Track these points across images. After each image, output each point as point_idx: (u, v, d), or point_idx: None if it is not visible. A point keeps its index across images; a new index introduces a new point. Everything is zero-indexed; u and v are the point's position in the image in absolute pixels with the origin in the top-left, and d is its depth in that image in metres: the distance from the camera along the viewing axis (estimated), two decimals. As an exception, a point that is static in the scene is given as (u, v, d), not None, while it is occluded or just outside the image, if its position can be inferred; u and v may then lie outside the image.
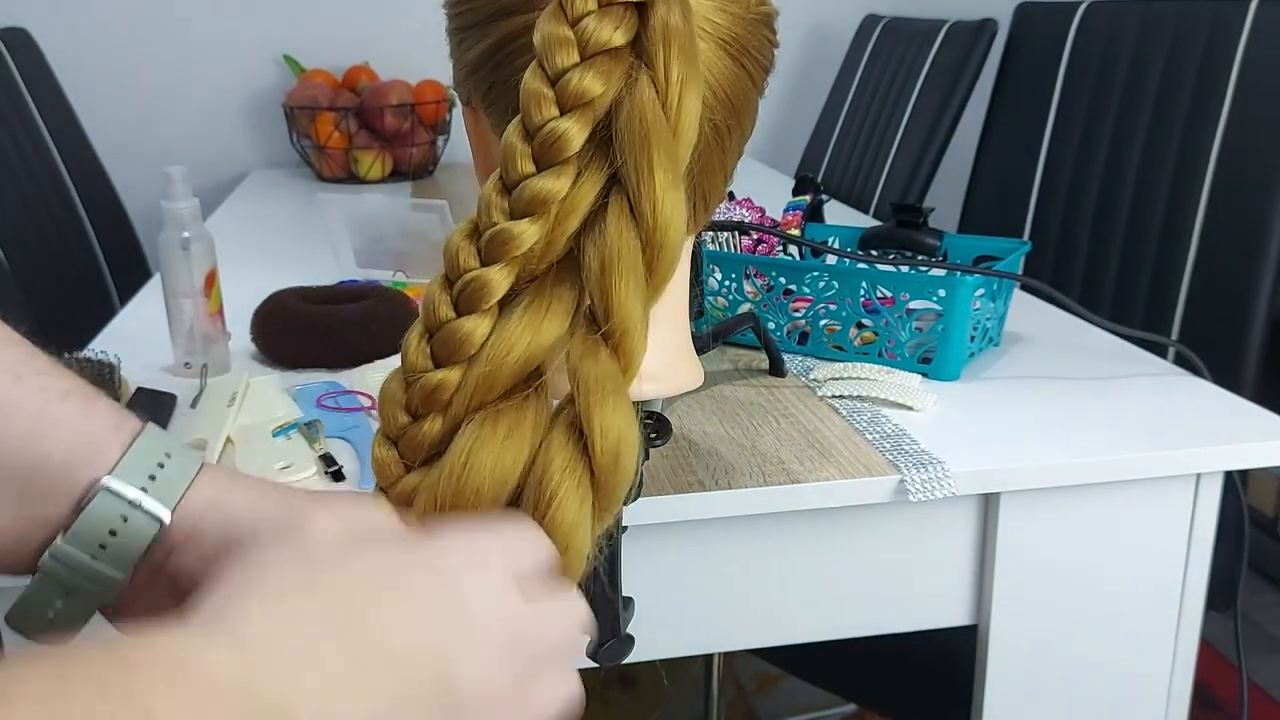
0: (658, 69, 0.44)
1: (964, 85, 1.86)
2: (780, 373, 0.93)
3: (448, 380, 0.43)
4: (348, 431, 0.82)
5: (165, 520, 0.41)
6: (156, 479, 0.41)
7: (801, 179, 1.16)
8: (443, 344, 0.43)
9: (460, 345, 0.43)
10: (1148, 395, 0.88)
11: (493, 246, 0.43)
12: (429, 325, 0.43)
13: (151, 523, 0.41)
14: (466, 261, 0.43)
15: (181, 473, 0.42)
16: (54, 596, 0.41)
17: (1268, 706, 1.78)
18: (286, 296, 1.00)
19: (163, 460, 0.42)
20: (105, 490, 0.40)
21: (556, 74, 0.43)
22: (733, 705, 1.83)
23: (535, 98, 0.43)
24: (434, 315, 0.43)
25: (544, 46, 0.44)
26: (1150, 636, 0.85)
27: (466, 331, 0.43)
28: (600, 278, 0.44)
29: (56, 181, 1.77)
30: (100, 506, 0.40)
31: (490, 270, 0.43)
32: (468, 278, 0.43)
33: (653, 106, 0.44)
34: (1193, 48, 1.42)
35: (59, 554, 0.40)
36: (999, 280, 0.94)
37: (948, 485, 0.74)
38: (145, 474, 0.41)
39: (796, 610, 0.80)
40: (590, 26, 0.43)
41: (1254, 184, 1.31)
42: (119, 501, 0.40)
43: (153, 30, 2.12)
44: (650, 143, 0.44)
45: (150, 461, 0.42)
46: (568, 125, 0.43)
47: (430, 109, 2.00)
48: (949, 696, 0.98)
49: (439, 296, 0.43)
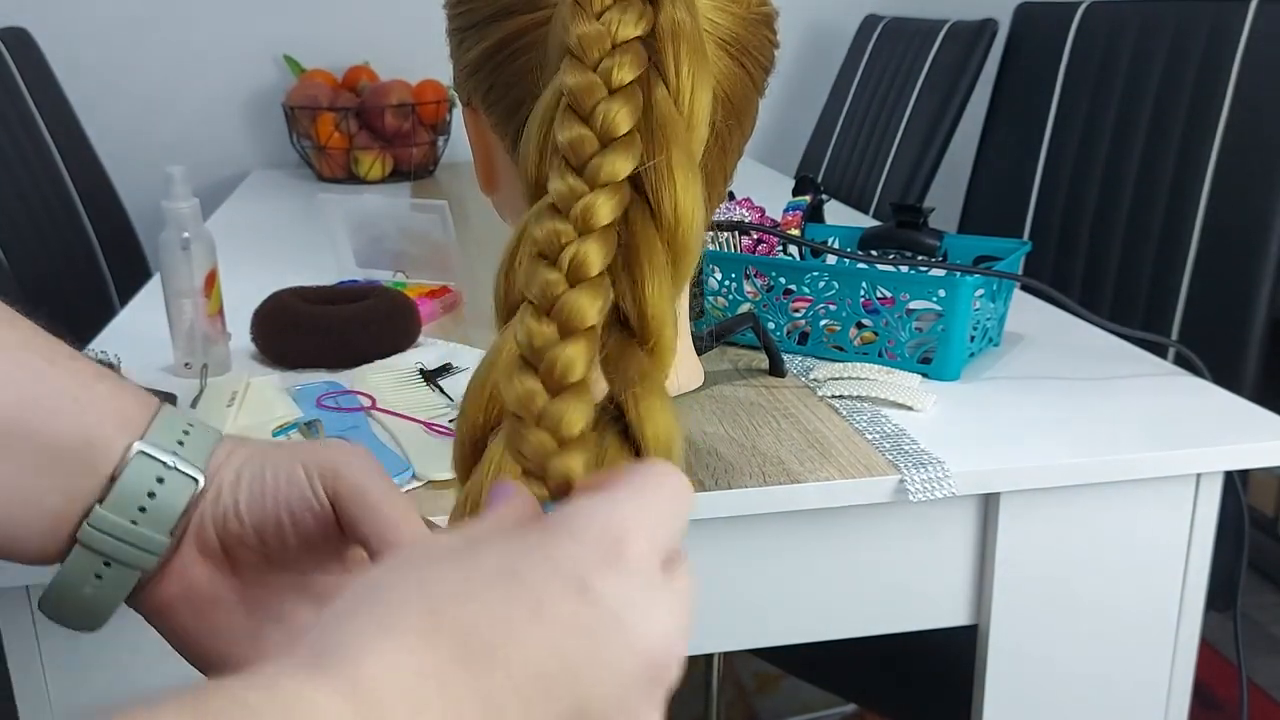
0: (668, 67, 0.45)
1: (964, 85, 1.86)
2: (780, 373, 0.93)
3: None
4: (348, 431, 0.82)
5: (200, 480, 0.42)
6: (184, 444, 0.43)
7: (801, 179, 1.16)
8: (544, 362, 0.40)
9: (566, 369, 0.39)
10: (1148, 395, 0.88)
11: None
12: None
13: (187, 482, 0.42)
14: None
15: (204, 438, 0.44)
16: (92, 569, 0.42)
17: (1268, 706, 1.78)
18: (286, 296, 1.00)
19: (186, 429, 0.44)
20: (141, 454, 0.42)
21: (594, 63, 0.44)
22: (733, 705, 1.83)
23: (587, 88, 0.43)
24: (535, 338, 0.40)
25: (579, 44, 0.44)
26: (1150, 636, 0.85)
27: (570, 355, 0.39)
28: (629, 280, 0.44)
29: (56, 181, 1.77)
30: (136, 470, 0.42)
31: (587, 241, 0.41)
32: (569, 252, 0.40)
33: (666, 104, 0.45)
34: (1193, 48, 1.42)
35: (99, 522, 0.41)
36: (999, 280, 0.94)
37: (948, 485, 0.74)
38: (174, 440, 0.43)
39: (796, 610, 0.80)
40: (614, 19, 0.44)
41: (1254, 184, 1.31)
42: (154, 464, 0.42)
43: (153, 30, 2.12)
44: (667, 141, 0.44)
45: (176, 429, 0.43)
46: (617, 108, 0.42)
47: (430, 109, 2.00)
48: (949, 696, 0.98)
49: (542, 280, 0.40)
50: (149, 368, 0.97)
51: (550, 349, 0.38)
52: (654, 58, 0.45)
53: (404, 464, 0.75)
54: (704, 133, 0.46)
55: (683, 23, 0.45)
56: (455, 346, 1.02)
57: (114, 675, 0.72)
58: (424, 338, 1.04)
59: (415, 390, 0.91)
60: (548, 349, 0.38)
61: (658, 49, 0.45)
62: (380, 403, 0.87)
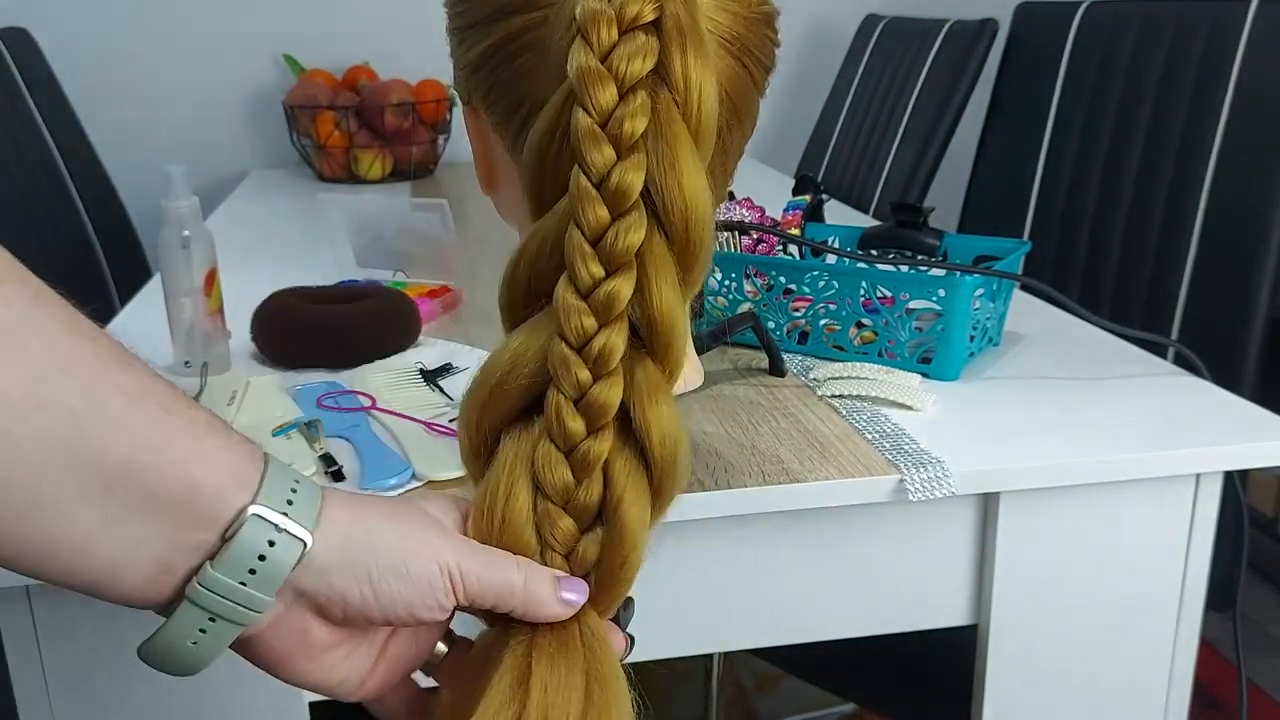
0: (674, 68, 0.45)
1: (964, 85, 1.86)
2: (780, 372, 0.93)
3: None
4: (348, 431, 0.82)
5: (308, 542, 0.42)
6: (293, 504, 0.43)
7: (801, 179, 1.16)
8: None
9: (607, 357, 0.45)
10: (1148, 395, 0.88)
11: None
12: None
13: (295, 544, 0.42)
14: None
15: (311, 497, 0.44)
16: (197, 625, 0.42)
17: (1268, 706, 1.78)
18: (286, 296, 1.00)
19: (294, 486, 0.43)
20: (255, 517, 0.42)
21: (604, 116, 0.44)
22: (733, 705, 1.83)
23: (595, 76, 0.44)
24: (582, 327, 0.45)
25: (587, 21, 0.44)
26: (1150, 636, 0.85)
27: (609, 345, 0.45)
28: (640, 293, 0.44)
29: (56, 181, 1.77)
30: (251, 531, 0.42)
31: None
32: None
33: (668, 106, 0.44)
34: (1193, 48, 1.42)
35: (210, 582, 0.41)
36: (999, 280, 0.94)
37: (947, 485, 0.74)
38: (283, 499, 0.43)
39: (796, 610, 0.80)
40: (621, 58, 0.44)
41: (1254, 184, 1.31)
42: (267, 526, 0.42)
43: (153, 30, 2.12)
44: (673, 141, 0.44)
45: (285, 488, 0.43)
46: (630, 175, 0.44)
47: (430, 108, 2.00)
48: (949, 696, 0.98)
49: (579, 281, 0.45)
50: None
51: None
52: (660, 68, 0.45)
53: (404, 464, 0.75)
54: (713, 132, 0.46)
55: (686, 23, 0.45)
56: (455, 346, 1.02)
57: (114, 675, 0.72)
58: (424, 337, 1.04)
59: (415, 390, 0.91)
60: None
61: (664, 49, 0.45)
62: (380, 402, 0.87)
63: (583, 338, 0.44)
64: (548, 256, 0.46)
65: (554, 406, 0.45)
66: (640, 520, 0.46)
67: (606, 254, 0.44)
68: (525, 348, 0.46)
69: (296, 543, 0.42)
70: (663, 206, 0.44)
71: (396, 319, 1.00)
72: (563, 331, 0.45)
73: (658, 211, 0.45)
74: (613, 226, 0.44)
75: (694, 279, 0.46)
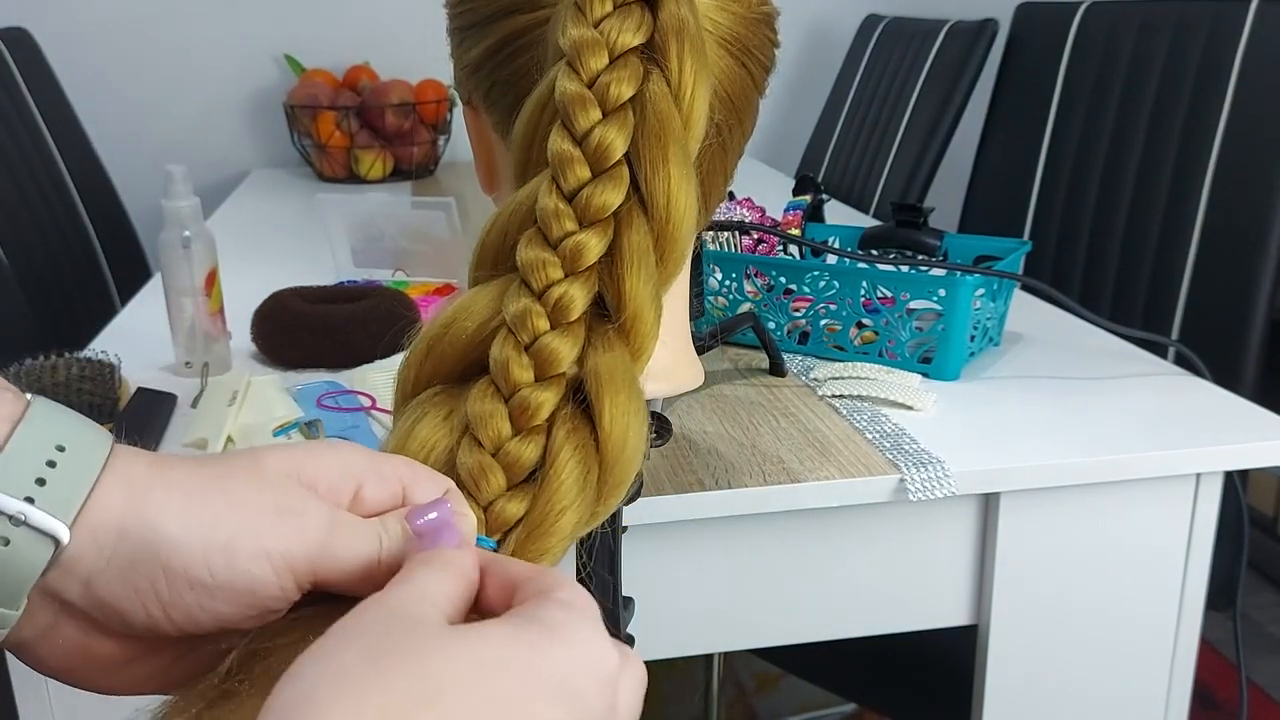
0: (670, 64, 0.45)
1: (964, 85, 1.86)
2: (780, 372, 0.93)
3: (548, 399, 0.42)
4: (348, 431, 0.82)
5: (61, 540, 0.31)
6: (47, 483, 0.31)
7: (801, 179, 1.16)
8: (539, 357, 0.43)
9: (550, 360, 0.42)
10: (1148, 395, 0.88)
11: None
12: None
13: (42, 542, 0.31)
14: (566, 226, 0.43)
15: (81, 471, 0.32)
16: None
17: (1268, 706, 1.78)
18: (286, 296, 1.00)
19: (56, 454, 0.32)
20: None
21: (591, 78, 0.44)
22: (733, 705, 1.83)
23: (578, 100, 0.43)
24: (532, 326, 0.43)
25: (574, 49, 0.44)
26: (1150, 636, 0.85)
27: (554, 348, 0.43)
28: (612, 267, 0.44)
29: (56, 181, 1.77)
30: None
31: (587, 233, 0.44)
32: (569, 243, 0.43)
33: (665, 100, 0.45)
34: (1193, 48, 1.42)
35: None
36: (999, 280, 0.94)
37: (947, 485, 0.74)
38: (31, 476, 0.31)
39: (796, 610, 0.80)
40: (613, 28, 0.44)
41: (1254, 184, 1.31)
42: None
43: (153, 30, 2.12)
44: (664, 136, 0.44)
45: (38, 458, 0.32)
46: (611, 135, 0.43)
47: (431, 108, 2.00)
48: (949, 696, 0.98)
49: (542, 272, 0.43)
50: (149, 367, 0.97)
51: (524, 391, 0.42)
52: (655, 54, 0.45)
53: (404, 463, 0.75)
54: (702, 130, 0.46)
55: (685, 21, 0.45)
56: (455, 346, 1.02)
57: (114, 674, 0.72)
58: (424, 337, 1.04)
59: (415, 390, 0.91)
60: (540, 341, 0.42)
61: (660, 46, 0.45)
62: (380, 402, 0.87)
63: (545, 284, 0.42)
64: (521, 220, 0.44)
65: (501, 348, 0.42)
66: (575, 480, 0.41)
67: (581, 209, 0.43)
68: (474, 301, 0.44)
69: (44, 541, 0.31)
70: (645, 180, 0.44)
71: (396, 319, 1.00)
72: (526, 278, 0.43)
73: (640, 187, 0.45)
74: (590, 184, 0.44)
75: (672, 264, 0.46)
